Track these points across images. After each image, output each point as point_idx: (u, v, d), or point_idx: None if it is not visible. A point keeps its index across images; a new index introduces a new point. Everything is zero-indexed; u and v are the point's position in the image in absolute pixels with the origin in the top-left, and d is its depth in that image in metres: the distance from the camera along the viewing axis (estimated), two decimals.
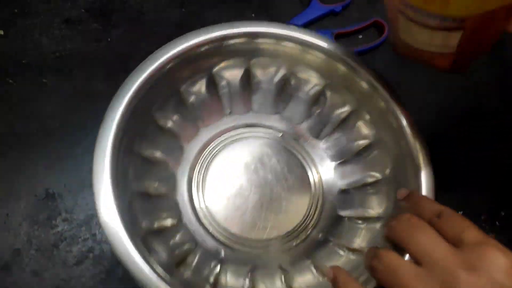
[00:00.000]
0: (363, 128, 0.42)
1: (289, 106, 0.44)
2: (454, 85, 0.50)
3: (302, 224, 0.40)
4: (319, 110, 0.44)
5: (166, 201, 0.39)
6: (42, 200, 0.42)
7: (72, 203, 0.41)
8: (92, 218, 0.41)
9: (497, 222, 0.47)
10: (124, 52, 0.48)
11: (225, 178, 0.41)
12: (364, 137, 0.42)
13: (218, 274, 0.36)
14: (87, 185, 0.42)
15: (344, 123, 0.43)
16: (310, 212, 0.41)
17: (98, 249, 0.40)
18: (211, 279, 0.36)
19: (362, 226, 0.40)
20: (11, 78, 0.46)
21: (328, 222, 0.41)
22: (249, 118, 0.44)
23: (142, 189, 0.37)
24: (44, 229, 0.40)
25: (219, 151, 0.42)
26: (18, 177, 0.42)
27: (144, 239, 0.33)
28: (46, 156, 0.43)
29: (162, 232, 0.37)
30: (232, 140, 0.43)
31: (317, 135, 0.44)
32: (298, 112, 0.44)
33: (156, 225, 0.37)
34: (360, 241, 0.39)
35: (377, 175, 0.41)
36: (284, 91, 0.43)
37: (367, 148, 0.42)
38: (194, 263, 0.37)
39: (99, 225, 0.40)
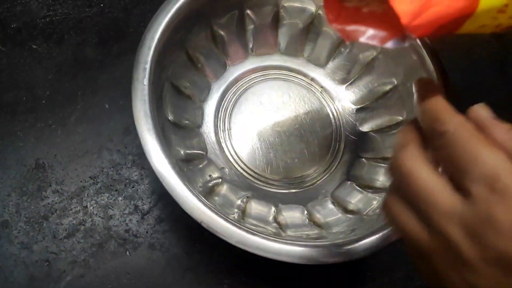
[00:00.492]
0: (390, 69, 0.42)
1: (317, 45, 0.44)
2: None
3: (322, 167, 0.42)
4: (347, 50, 0.44)
5: (194, 134, 0.40)
6: (31, 170, 0.40)
7: (63, 174, 0.40)
8: (83, 190, 0.40)
9: None
10: (118, 18, 0.46)
11: (249, 118, 0.42)
12: (390, 81, 0.42)
13: (245, 203, 0.38)
14: (79, 155, 0.41)
15: (371, 65, 0.43)
16: (332, 155, 0.43)
17: (90, 221, 0.39)
18: (239, 205, 0.37)
19: (383, 165, 0.41)
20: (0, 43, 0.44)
21: (349, 163, 0.43)
22: (276, 60, 0.45)
23: (173, 119, 0.38)
24: (33, 200, 0.39)
25: (245, 90, 0.44)
26: (7, 146, 0.41)
27: (180, 167, 0.34)
28: (35, 126, 0.41)
29: (192, 162, 0.38)
30: (258, 81, 0.44)
31: (343, 78, 0.45)
32: (325, 51, 0.44)
33: (187, 154, 0.37)
34: (381, 179, 0.40)
35: (399, 118, 0.41)
36: (312, 29, 0.44)
37: (391, 90, 0.42)
38: (222, 192, 0.38)
39: (90, 197, 0.39)
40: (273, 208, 0.38)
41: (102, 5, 0.46)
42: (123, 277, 0.38)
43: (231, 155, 0.41)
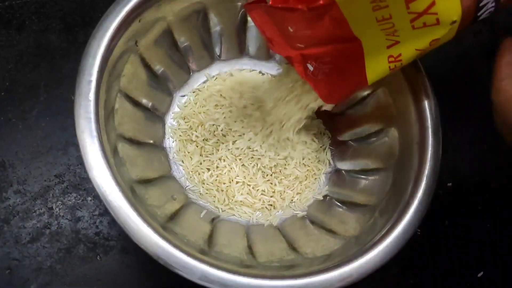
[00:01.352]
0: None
1: None
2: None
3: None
4: None
5: (154, 150, 0.37)
6: None
7: (25, 173, 0.37)
8: (48, 190, 0.36)
9: (486, 194, 0.45)
10: (84, 2, 0.42)
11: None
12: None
13: (213, 227, 0.36)
14: (42, 152, 0.37)
15: None
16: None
17: (56, 224, 0.36)
18: (206, 232, 0.35)
19: (363, 178, 0.39)
20: None
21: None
22: (245, 64, 0.41)
23: (129, 135, 0.34)
24: None
25: None
26: None
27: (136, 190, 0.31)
28: None
29: (152, 182, 0.35)
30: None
31: None
32: None
33: (146, 174, 0.35)
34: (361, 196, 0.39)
35: (378, 126, 0.39)
36: None
37: (369, 96, 0.39)
38: (187, 216, 0.35)
39: (56, 198, 0.36)
40: (243, 230, 0.35)
41: None
42: (93, 284, 0.35)
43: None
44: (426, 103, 0.35)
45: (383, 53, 0.26)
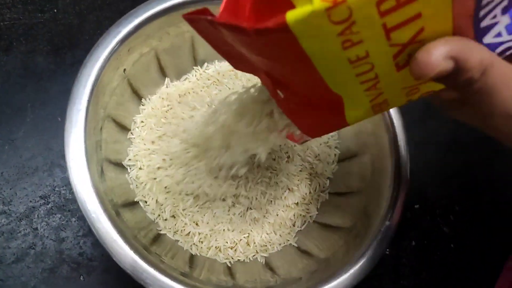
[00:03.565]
0: None
1: None
2: None
3: None
4: None
5: None
6: None
7: (10, 194, 0.37)
8: (33, 210, 0.37)
9: (451, 216, 0.48)
10: (72, 24, 0.43)
11: None
12: None
13: None
14: (28, 173, 0.38)
15: None
16: None
17: (40, 245, 0.36)
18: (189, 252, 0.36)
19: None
20: None
21: None
22: None
23: (115, 158, 0.36)
24: None
25: None
26: None
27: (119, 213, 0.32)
28: None
29: (136, 205, 0.36)
30: None
31: None
32: None
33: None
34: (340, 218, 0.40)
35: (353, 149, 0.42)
36: None
37: None
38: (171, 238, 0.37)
39: (41, 218, 0.37)
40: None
41: (55, 10, 0.44)
42: None
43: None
44: (397, 133, 0.38)
45: (366, 104, 0.21)
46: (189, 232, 0.37)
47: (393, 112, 0.38)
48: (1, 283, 0.35)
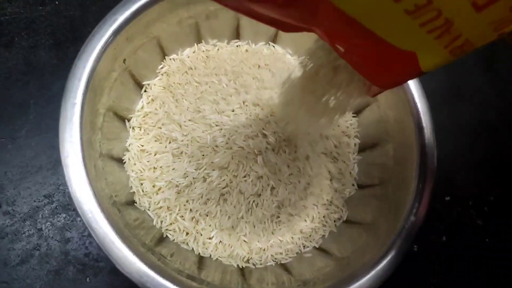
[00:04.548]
0: None
1: None
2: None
3: None
4: None
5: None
6: None
7: (14, 194, 0.36)
8: (37, 211, 0.36)
9: (485, 208, 0.44)
10: (74, 17, 0.42)
11: None
12: None
13: None
14: (31, 172, 0.37)
15: None
16: None
17: (45, 246, 0.35)
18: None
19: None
20: None
21: None
22: None
23: (117, 154, 0.34)
24: None
25: None
26: None
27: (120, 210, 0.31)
28: None
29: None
30: None
31: None
32: None
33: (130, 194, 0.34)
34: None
35: None
36: None
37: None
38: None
39: (45, 219, 0.36)
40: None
41: (57, 2, 0.42)
42: None
43: None
44: (422, 118, 0.34)
45: (440, 51, 0.19)
46: (198, 234, 0.35)
47: (417, 95, 0.35)
48: (6, 286, 0.34)
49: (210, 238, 0.35)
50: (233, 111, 0.35)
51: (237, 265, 0.34)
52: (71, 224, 0.36)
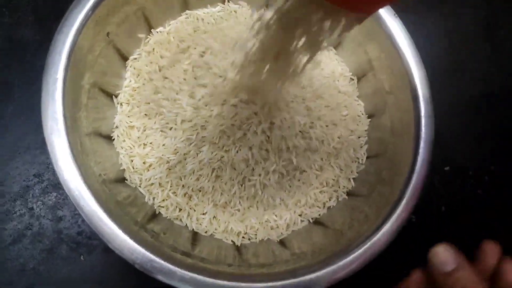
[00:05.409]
0: None
1: None
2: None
3: None
4: None
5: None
6: None
7: (3, 174, 0.36)
8: (28, 190, 0.35)
9: (485, 177, 0.43)
10: None
11: None
12: None
13: None
14: (19, 152, 0.36)
15: None
16: None
17: (37, 225, 0.35)
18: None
19: None
20: None
21: None
22: None
23: (105, 131, 0.33)
24: None
25: None
26: None
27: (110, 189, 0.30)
28: None
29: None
30: None
31: None
32: None
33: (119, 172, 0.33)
34: None
35: None
36: None
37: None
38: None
39: (36, 198, 0.35)
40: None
41: None
42: (78, 285, 0.34)
43: None
44: (419, 87, 0.33)
45: None
46: (191, 210, 0.34)
47: (415, 64, 0.33)
48: (0, 266, 0.34)
49: (203, 214, 0.34)
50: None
51: (232, 241, 0.33)
52: (62, 203, 0.35)
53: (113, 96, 0.35)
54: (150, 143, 0.34)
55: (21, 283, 0.34)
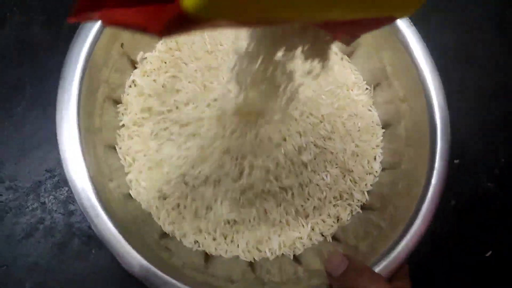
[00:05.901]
0: None
1: None
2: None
3: None
4: None
5: None
6: None
7: (15, 169, 0.36)
8: (40, 185, 0.36)
9: (496, 170, 0.43)
10: None
11: None
12: None
13: None
14: (31, 147, 0.37)
15: None
16: None
17: (49, 219, 0.35)
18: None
19: None
20: None
21: None
22: None
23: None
24: None
25: None
26: None
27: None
28: None
29: None
30: None
31: None
32: None
33: None
34: None
35: None
36: None
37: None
38: None
39: (48, 192, 0.36)
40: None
41: None
42: (90, 279, 0.35)
43: None
44: (434, 97, 0.32)
45: None
46: (202, 232, 0.33)
47: (429, 73, 0.32)
48: (12, 259, 0.34)
49: (215, 233, 0.33)
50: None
51: (245, 258, 0.33)
52: (73, 197, 0.36)
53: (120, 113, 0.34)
54: (160, 159, 0.33)
55: (33, 276, 0.34)
